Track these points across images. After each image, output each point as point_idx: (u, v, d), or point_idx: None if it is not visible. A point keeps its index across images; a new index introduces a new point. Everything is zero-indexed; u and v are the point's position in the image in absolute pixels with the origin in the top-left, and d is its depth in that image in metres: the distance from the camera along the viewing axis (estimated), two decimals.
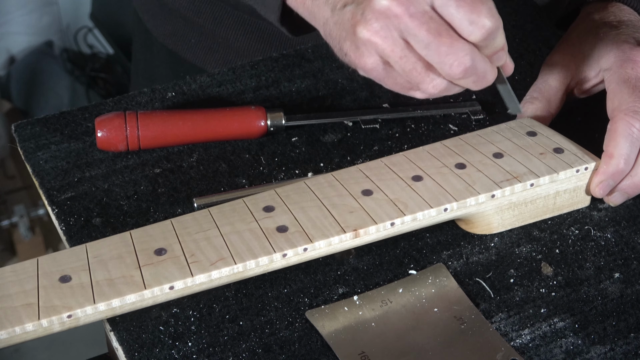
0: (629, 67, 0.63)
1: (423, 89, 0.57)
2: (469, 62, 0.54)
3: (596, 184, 0.60)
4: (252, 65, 0.76)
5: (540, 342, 0.53)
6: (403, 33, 0.54)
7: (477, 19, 0.53)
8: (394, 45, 0.55)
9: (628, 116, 0.60)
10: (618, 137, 0.59)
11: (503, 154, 0.60)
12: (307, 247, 0.53)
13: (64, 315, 0.49)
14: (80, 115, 0.71)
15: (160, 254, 0.52)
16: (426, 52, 0.54)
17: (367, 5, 0.55)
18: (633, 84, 0.62)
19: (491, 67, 0.56)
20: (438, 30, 0.53)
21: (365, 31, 0.55)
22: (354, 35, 0.56)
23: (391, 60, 0.56)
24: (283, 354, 0.52)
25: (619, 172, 0.59)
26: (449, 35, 0.54)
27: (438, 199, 0.56)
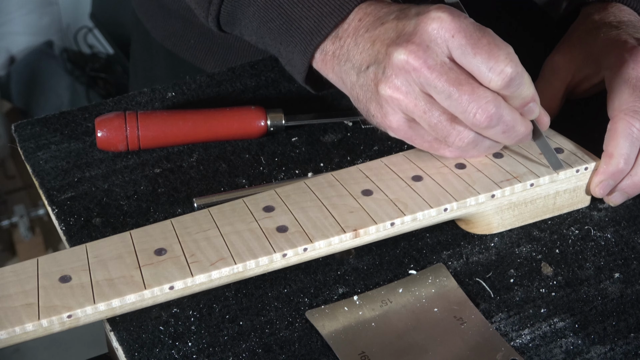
0: (629, 67, 0.63)
1: (451, 143, 0.56)
2: (493, 109, 0.53)
3: (596, 184, 0.60)
4: (252, 65, 0.76)
5: (540, 342, 0.53)
6: (424, 86, 0.54)
7: (495, 65, 0.53)
8: (417, 100, 0.55)
9: (628, 116, 0.60)
10: (618, 137, 0.59)
11: (503, 154, 0.60)
12: (307, 247, 0.53)
13: (64, 315, 0.49)
14: (80, 115, 0.71)
15: (160, 254, 0.52)
16: (449, 103, 0.54)
17: (387, 62, 0.55)
18: (633, 84, 0.62)
19: (521, 119, 0.56)
20: (458, 79, 0.53)
21: (387, 88, 0.55)
22: (377, 95, 0.56)
23: (415, 116, 0.56)
24: (283, 354, 0.52)
25: (619, 171, 0.59)
26: (469, 83, 0.53)
27: (438, 199, 0.56)
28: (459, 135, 0.56)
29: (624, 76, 0.62)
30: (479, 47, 0.53)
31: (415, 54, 0.53)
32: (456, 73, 0.53)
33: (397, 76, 0.55)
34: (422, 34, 0.54)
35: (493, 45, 0.53)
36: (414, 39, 0.54)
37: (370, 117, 0.59)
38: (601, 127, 0.68)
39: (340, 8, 0.59)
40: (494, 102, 0.54)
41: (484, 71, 0.53)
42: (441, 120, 0.55)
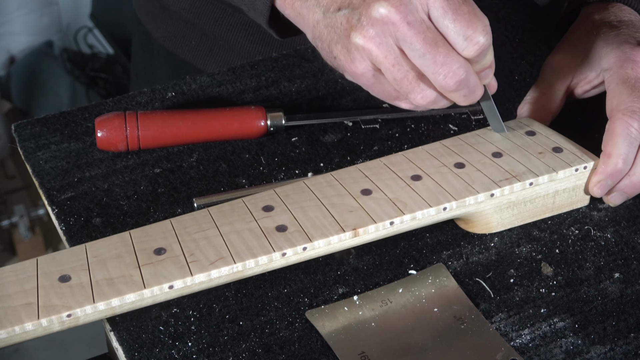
0: (628, 67, 0.63)
1: (411, 99, 0.57)
2: (463, 75, 0.54)
3: (594, 184, 0.60)
4: (252, 66, 0.76)
5: (540, 342, 0.53)
6: (399, 41, 0.54)
7: (472, 35, 0.53)
8: (388, 53, 0.55)
9: (626, 116, 0.60)
10: (616, 137, 0.59)
11: (502, 154, 0.60)
12: (307, 246, 0.53)
13: (64, 315, 0.49)
14: (80, 115, 0.71)
15: (160, 253, 0.52)
16: (421, 62, 0.54)
17: (364, 11, 0.55)
18: (632, 84, 0.62)
19: (480, 84, 0.57)
20: (434, 40, 0.54)
21: (360, 37, 0.55)
22: (347, 40, 0.56)
23: (383, 68, 0.56)
24: (283, 354, 0.52)
25: (617, 171, 0.59)
26: (444, 46, 0.54)
27: (437, 199, 0.56)
28: (422, 93, 0.56)
29: (622, 76, 0.62)
30: (459, 14, 0.53)
31: (397, 9, 0.53)
32: (433, 33, 0.54)
33: (373, 26, 0.54)
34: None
35: (473, 15, 0.53)
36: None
37: (331, 58, 0.59)
38: (601, 127, 0.68)
39: None
40: (465, 67, 0.55)
41: (460, 38, 0.54)
42: (408, 76, 0.55)
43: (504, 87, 0.74)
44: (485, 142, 0.62)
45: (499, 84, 0.74)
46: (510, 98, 0.73)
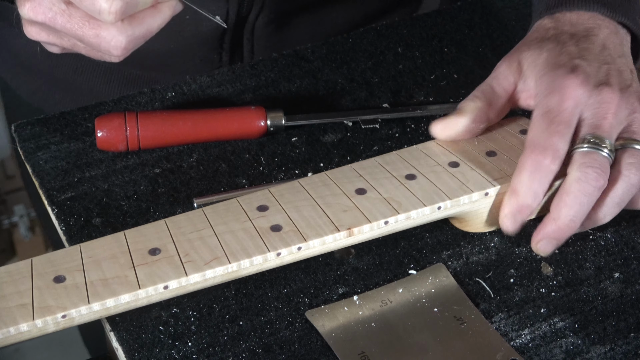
0: (554, 99, 0.58)
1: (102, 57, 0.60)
2: (124, 41, 0.56)
3: (503, 217, 0.57)
4: (252, 66, 0.76)
5: (540, 342, 0.53)
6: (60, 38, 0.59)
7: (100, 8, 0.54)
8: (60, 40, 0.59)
9: (536, 151, 0.56)
10: (524, 172, 0.56)
11: (496, 152, 0.61)
12: (301, 246, 0.53)
13: (59, 316, 0.49)
14: (80, 115, 0.71)
15: (155, 253, 0.52)
16: (89, 50, 0.58)
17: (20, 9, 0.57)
18: (551, 118, 0.57)
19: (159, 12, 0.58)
20: (80, 23, 0.56)
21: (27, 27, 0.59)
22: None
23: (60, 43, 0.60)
24: (283, 354, 0.52)
25: (525, 207, 0.56)
26: (91, 26, 0.56)
27: (432, 198, 0.56)
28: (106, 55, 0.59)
29: (545, 108, 0.58)
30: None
31: (34, 10, 0.56)
32: (79, 17, 0.56)
33: (31, 25, 0.58)
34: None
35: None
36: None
37: None
38: None
39: None
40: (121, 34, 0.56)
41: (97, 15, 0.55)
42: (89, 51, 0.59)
43: None
44: (480, 141, 0.62)
45: None
46: None
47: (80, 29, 0.56)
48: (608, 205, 0.56)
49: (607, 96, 0.57)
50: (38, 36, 0.59)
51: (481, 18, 0.83)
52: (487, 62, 0.77)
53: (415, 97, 0.74)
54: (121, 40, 0.56)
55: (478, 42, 0.80)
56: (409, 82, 0.75)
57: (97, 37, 0.56)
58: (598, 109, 0.57)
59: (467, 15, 0.83)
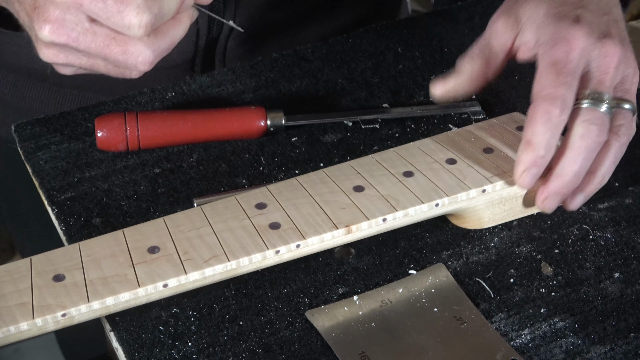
0: (561, 49, 0.58)
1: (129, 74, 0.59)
2: (152, 55, 0.55)
3: (520, 174, 0.57)
4: (252, 66, 0.76)
5: (540, 342, 0.53)
6: (80, 57, 0.57)
7: (129, 22, 0.53)
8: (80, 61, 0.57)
9: (547, 102, 0.56)
10: (536, 124, 0.56)
11: (493, 149, 0.61)
12: (300, 243, 0.53)
13: (58, 314, 0.49)
14: (80, 115, 0.71)
15: (154, 252, 0.52)
16: (104, 64, 0.56)
17: (37, 37, 0.56)
18: (559, 69, 0.57)
19: (181, 23, 0.58)
20: (105, 42, 0.55)
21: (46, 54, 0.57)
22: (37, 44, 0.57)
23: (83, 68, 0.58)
24: (283, 354, 0.52)
25: (540, 159, 0.56)
26: (118, 43, 0.55)
27: (429, 195, 0.57)
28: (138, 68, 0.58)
29: (552, 58, 0.58)
30: (108, 9, 0.53)
31: (57, 32, 0.54)
32: (104, 35, 0.55)
33: (49, 48, 0.56)
34: (55, 8, 0.54)
35: (119, 2, 0.53)
36: (49, 15, 0.54)
37: None
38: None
39: None
40: (147, 49, 0.55)
41: (125, 29, 0.54)
42: (110, 69, 0.58)
43: (504, 87, 0.74)
44: (477, 138, 0.62)
45: (500, 84, 0.74)
46: (511, 98, 0.73)
47: (107, 47, 0.55)
48: (605, 164, 0.58)
49: (610, 49, 0.58)
50: (55, 58, 0.57)
51: (481, 18, 0.82)
52: None
53: (415, 97, 0.74)
54: (149, 54, 0.55)
55: None
56: (409, 82, 0.75)
57: (124, 53, 0.55)
58: (601, 62, 0.58)
59: (467, 15, 0.83)
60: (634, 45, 0.76)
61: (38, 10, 0.54)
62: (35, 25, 0.55)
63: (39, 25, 0.54)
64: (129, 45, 0.55)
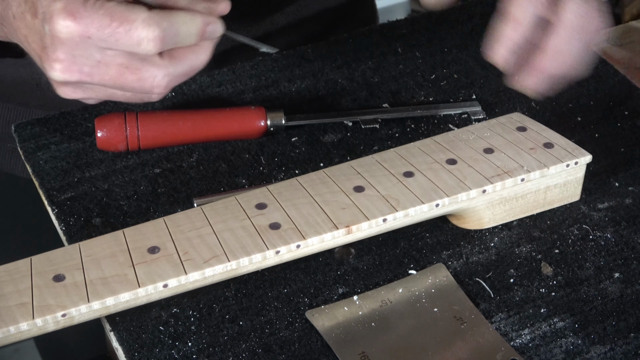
0: None
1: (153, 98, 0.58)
2: (165, 80, 0.54)
3: (502, 52, 0.57)
4: (252, 66, 0.76)
5: (540, 342, 0.53)
6: (97, 90, 0.55)
7: (139, 39, 0.52)
8: (98, 94, 0.56)
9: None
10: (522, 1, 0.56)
11: (493, 150, 0.61)
12: (300, 244, 0.53)
13: (58, 315, 0.49)
14: (80, 115, 0.71)
15: (154, 252, 0.52)
16: (122, 94, 0.55)
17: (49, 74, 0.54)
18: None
19: (202, 48, 0.56)
20: (119, 71, 0.54)
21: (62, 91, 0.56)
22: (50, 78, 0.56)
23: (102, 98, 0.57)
24: (283, 354, 0.52)
25: (523, 33, 0.56)
26: (131, 71, 0.54)
27: (429, 195, 0.57)
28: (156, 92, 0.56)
29: None
30: (115, 33, 0.52)
31: (68, 70, 0.53)
32: (116, 65, 0.53)
33: (64, 86, 0.55)
34: (63, 46, 0.53)
35: (125, 22, 0.52)
36: (58, 55, 0.53)
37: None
38: (601, 126, 0.69)
39: None
40: (162, 72, 0.54)
41: (136, 49, 0.52)
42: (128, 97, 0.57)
43: (504, 87, 0.74)
44: (477, 138, 0.62)
45: (499, 84, 0.74)
46: (511, 98, 0.73)
47: (121, 77, 0.54)
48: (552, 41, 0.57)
49: None
50: (74, 94, 0.56)
51: (481, 18, 0.82)
52: (487, 62, 0.77)
53: (415, 97, 0.74)
54: (161, 77, 0.54)
55: (478, 42, 0.80)
56: (409, 82, 0.75)
57: (139, 80, 0.54)
58: None
59: (467, 15, 0.83)
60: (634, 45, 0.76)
61: (46, 51, 0.53)
62: (45, 66, 0.54)
63: (50, 65, 0.53)
64: (142, 71, 0.54)
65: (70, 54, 0.53)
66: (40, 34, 0.54)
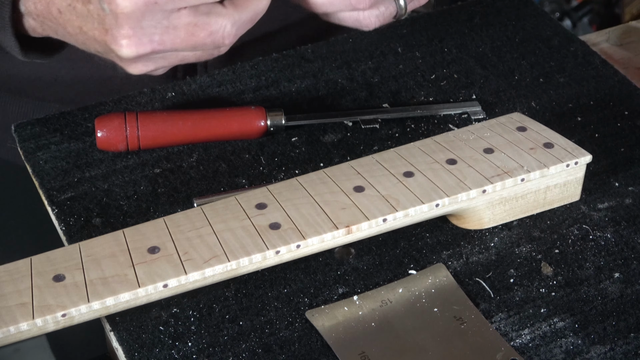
0: None
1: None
2: (234, 29, 0.55)
3: None
4: (252, 66, 0.76)
5: (540, 342, 0.53)
6: (168, 56, 0.55)
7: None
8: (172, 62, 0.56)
9: None
10: None
11: (493, 150, 0.61)
12: (300, 244, 0.53)
13: (58, 315, 0.49)
14: (80, 115, 0.71)
15: (154, 252, 0.52)
16: (199, 54, 0.55)
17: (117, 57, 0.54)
18: None
19: None
20: (189, 31, 0.53)
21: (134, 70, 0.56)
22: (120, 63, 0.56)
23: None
24: (283, 354, 0.52)
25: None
26: (200, 27, 0.53)
27: (429, 195, 0.57)
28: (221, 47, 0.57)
29: None
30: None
31: (137, 44, 0.53)
32: (184, 25, 0.53)
33: (136, 62, 0.54)
34: (128, 20, 0.52)
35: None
36: (125, 31, 0.52)
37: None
38: (601, 126, 0.69)
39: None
40: (230, 20, 0.54)
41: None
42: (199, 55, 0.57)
43: (504, 87, 0.74)
44: (477, 138, 0.62)
45: (499, 84, 0.74)
46: (511, 98, 0.73)
47: (192, 36, 0.53)
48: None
49: None
50: (146, 68, 0.56)
51: (481, 18, 0.82)
52: (487, 62, 0.77)
53: (416, 97, 0.74)
54: (230, 27, 0.54)
55: (478, 42, 0.80)
56: (409, 82, 0.75)
57: (210, 35, 0.54)
58: None
59: (467, 15, 0.83)
60: (634, 45, 0.76)
61: (111, 32, 0.52)
62: (113, 47, 0.53)
63: (118, 45, 0.53)
64: (211, 25, 0.54)
65: (138, 26, 0.52)
66: (99, 17, 0.53)
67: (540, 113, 0.71)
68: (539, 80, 0.75)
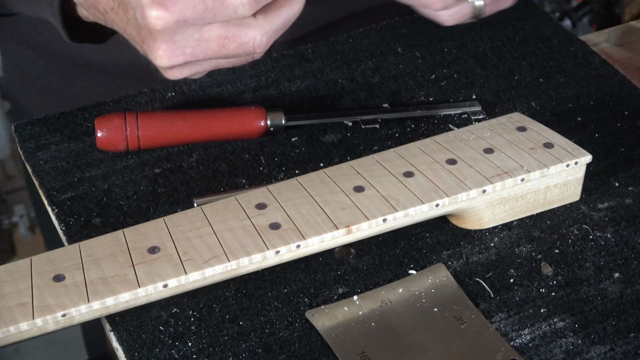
0: None
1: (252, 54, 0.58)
2: (265, 39, 0.55)
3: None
4: (252, 66, 0.76)
5: (540, 342, 0.53)
6: (202, 67, 0.56)
7: (234, 6, 0.52)
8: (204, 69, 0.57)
9: None
10: None
11: (493, 150, 0.61)
12: (300, 244, 0.53)
13: (58, 315, 0.49)
14: (80, 115, 0.71)
15: (154, 252, 0.52)
16: (227, 61, 0.56)
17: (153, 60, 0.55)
18: None
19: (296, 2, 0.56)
20: (220, 44, 0.54)
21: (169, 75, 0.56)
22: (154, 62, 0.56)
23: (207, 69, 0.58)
24: (283, 354, 0.52)
25: None
26: (231, 40, 0.54)
27: (429, 195, 0.57)
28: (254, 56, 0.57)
29: None
30: (211, 9, 0.52)
31: (172, 55, 0.54)
32: (216, 38, 0.54)
33: (171, 70, 0.56)
34: (161, 36, 0.53)
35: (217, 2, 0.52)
36: (159, 44, 0.54)
37: None
38: (601, 126, 0.69)
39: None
40: (260, 31, 0.54)
41: (232, 15, 0.53)
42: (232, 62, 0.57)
43: (504, 87, 0.74)
44: (477, 138, 0.62)
45: (499, 84, 0.74)
46: (511, 98, 0.73)
47: (223, 48, 0.54)
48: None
49: None
50: (182, 75, 0.57)
51: (481, 18, 0.82)
52: (487, 62, 0.77)
53: (416, 97, 0.74)
54: (261, 38, 0.54)
55: (478, 42, 0.80)
56: (409, 82, 0.75)
57: (241, 46, 0.54)
58: None
59: None
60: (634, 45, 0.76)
61: (147, 43, 0.54)
62: (149, 56, 0.55)
63: (153, 55, 0.54)
64: (241, 37, 0.54)
65: (171, 41, 0.53)
66: (137, 27, 0.54)
67: (540, 113, 0.71)
68: (539, 80, 0.75)
